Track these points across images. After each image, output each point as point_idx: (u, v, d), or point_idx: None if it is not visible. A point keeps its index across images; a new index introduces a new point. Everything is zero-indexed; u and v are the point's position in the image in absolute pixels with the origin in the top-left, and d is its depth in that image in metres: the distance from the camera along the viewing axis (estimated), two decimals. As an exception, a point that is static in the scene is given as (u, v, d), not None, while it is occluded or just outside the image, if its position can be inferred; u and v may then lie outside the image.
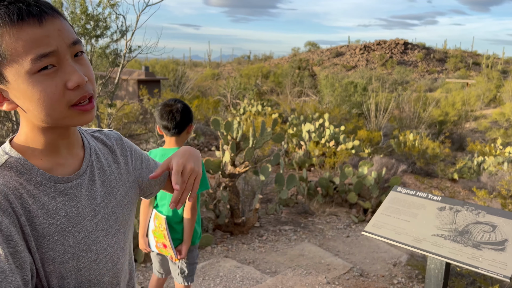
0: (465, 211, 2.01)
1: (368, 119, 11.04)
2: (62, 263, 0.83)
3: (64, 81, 0.78)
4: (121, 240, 0.98)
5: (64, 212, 0.84)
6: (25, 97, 0.77)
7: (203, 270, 3.55)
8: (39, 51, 0.74)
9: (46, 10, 0.76)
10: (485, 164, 7.69)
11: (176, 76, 15.76)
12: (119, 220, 0.97)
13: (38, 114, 0.79)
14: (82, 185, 0.89)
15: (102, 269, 0.91)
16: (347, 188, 5.74)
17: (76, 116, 0.82)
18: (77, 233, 0.86)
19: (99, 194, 0.93)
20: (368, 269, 3.84)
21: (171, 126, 2.21)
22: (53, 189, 0.84)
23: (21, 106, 0.80)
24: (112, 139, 1.04)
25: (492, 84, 21.87)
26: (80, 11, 4.28)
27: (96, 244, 0.90)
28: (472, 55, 46.03)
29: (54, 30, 0.76)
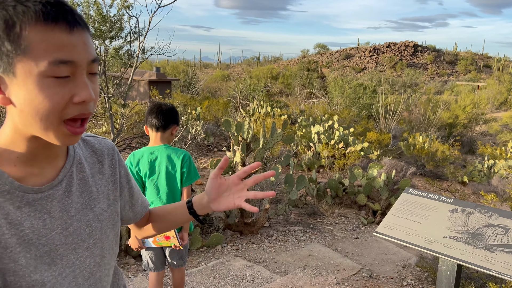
0: (477, 213, 2.02)
1: (378, 121, 11.02)
2: (23, 276, 0.77)
3: (72, 94, 0.74)
4: (96, 255, 0.90)
5: (29, 223, 0.78)
6: (26, 97, 0.72)
7: (214, 269, 3.59)
8: (59, 56, 0.71)
9: (79, 21, 0.75)
10: (495, 167, 7.64)
11: (187, 77, 15.86)
12: (95, 234, 0.90)
13: (26, 117, 0.74)
14: (54, 196, 0.83)
15: (69, 284, 0.85)
16: (356, 190, 5.74)
17: (62, 135, 0.77)
18: (41, 246, 0.80)
19: (74, 206, 0.87)
20: (378, 271, 3.85)
21: (157, 122, 2.35)
22: (20, 199, 0.78)
23: (16, 104, 0.74)
24: (103, 148, 0.99)
25: (503, 87, 21.65)
26: (95, 13, 4.36)
27: (62, 258, 0.83)
28: (483, 57, 45.59)
29: (81, 41, 0.74)
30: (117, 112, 4.99)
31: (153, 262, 2.54)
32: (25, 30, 0.69)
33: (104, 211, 0.94)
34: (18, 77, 0.71)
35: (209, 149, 8.75)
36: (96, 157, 0.96)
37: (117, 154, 1.03)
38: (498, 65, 36.78)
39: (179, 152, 2.39)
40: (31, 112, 0.73)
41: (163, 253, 2.56)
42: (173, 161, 2.37)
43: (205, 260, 3.87)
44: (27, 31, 0.70)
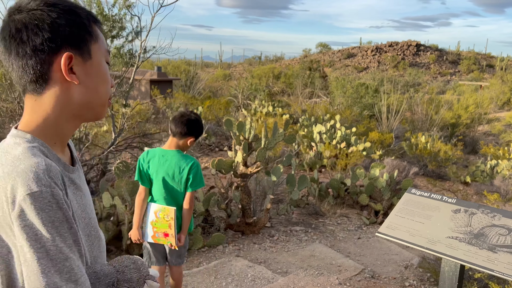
0: (481, 213, 2.01)
1: (380, 121, 10.99)
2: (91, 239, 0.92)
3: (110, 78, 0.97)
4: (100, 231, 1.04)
5: (75, 200, 0.88)
6: (97, 76, 0.90)
7: (215, 269, 3.58)
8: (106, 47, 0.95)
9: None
10: (498, 167, 7.60)
11: (188, 77, 15.85)
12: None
13: (97, 96, 0.91)
14: (79, 175, 0.96)
15: (96, 252, 0.95)
16: (358, 190, 5.72)
17: (106, 108, 0.96)
18: (83, 219, 0.90)
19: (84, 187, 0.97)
20: (380, 271, 3.84)
21: (175, 129, 2.48)
22: (67, 178, 0.88)
23: (86, 83, 0.88)
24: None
25: (507, 86, 21.58)
26: (96, 12, 4.35)
27: (93, 229, 0.94)
28: (486, 57, 45.45)
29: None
30: (118, 111, 4.98)
31: (154, 256, 2.64)
32: (94, 26, 0.91)
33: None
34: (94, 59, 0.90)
35: (210, 149, 8.75)
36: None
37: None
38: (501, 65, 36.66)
39: (188, 159, 2.50)
40: (100, 87, 0.91)
41: (163, 249, 2.66)
42: (181, 167, 2.47)
43: (206, 260, 3.86)
44: (95, 27, 0.91)
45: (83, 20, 0.88)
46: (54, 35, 0.84)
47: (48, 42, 0.83)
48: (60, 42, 0.84)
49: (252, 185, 5.16)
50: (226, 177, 5.55)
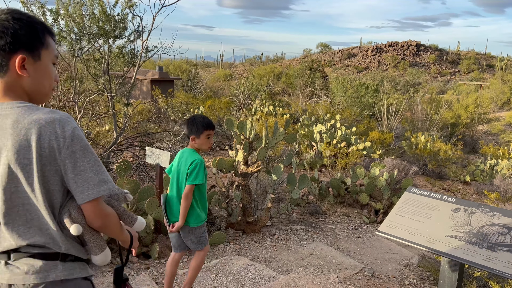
0: (480, 212, 2.03)
1: (380, 120, 11.00)
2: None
3: (55, 74, 1.37)
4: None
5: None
6: (42, 72, 1.29)
7: (216, 267, 3.60)
8: (56, 54, 1.36)
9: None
10: (498, 167, 7.63)
11: (189, 77, 15.86)
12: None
13: (38, 84, 1.30)
14: None
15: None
16: (358, 189, 5.75)
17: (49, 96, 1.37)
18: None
19: None
20: (380, 270, 3.86)
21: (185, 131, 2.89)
22: None
23: (34, 76, 1.27)
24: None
25: (506, 86, 21.58)
26: (99, 12, 4.37)
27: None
28: (486, 57, 45.43)
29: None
30: (120, 111, 5.00)
31: (172, 243, 2.94)
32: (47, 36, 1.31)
33: None
34: (43, 61, 1.29)
35: (211, 148, 8.77)
36: None
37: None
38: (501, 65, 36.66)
39: (194, 156, 2.75)
40: (44, 83, 1.31)
41: (176, 236, 2.88)
42: (187, 163, 2.75)
43: (207, 259, 3.89)
44: (48, 37, 1.31)
45: (38, 32, 1.26)
46: (15, 40, 1.22)
47: (9, 44, 1.21)
48: (18, 46, 1.23)
49: (252, 184, 5.18)
50: (227, 176, 5.57)
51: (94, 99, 4.77)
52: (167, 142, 6.27)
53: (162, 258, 3.79)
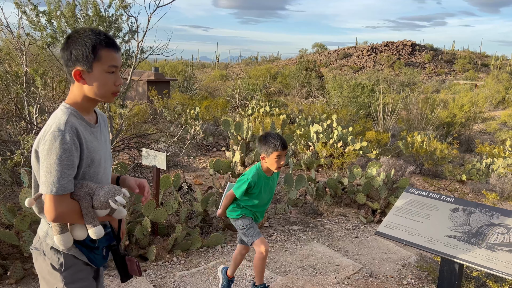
0: (479, 212, 2.02)
1: (376, 120, 11.02)
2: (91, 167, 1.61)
3: (114, 80, 1.62)
4: (110, 168, 1.78)
5: (94, 142, 1.63)
6: (96, 80, 1.58)
7: (214, 269, 3.58)
8: (113, 63, 1.59)
9: (119, 47, 1.65)
10: (494, 165, 7.65)
11: (185, 77, 15.82)
12: (108, 158, 1.77)
13: (97, 91, 1.59)
14: (98, 132, 1.70)
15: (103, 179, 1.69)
16: (355, 189, 5.74)
17: (111, 98, 1.67)
18: (98, 155, 1.64)
19: (104, 139, 1.74)
20: (377, 270, 3.85)
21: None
22: (89, 129, 1.63)
23: (89, 84, 1.58)
24: (104, 116, 1.87)
25: (501, 85, 21.69)
26: (93, 13, 4.34)
27: (105, 163, 1.70)
28: (481, 56, 45.67)
29: (119, 57, 1.62)
30: (115, 112, 4.97)
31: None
32: (100, 50, 1.56)
33: (109, 147, 1.82)
34: (94, 72, 1.57)
35: (208, 149, 8.74)
36: (103, 119, 1.81)
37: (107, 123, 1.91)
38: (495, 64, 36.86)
39: (248, 172, 2.89)
40: (99, 88, 1.59)
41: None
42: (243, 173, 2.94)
43: (205, 260, 3.86)
44: (100, 50, 1.56)
45: (89, 49, 1.53)
46: (71, 58, 1.56)
47: (68, 61, 1.57)
48: (75, 62, 1.56)
49: (250, 185, 5.16)
50: (224, 177, 5.55)
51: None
52: (163, 143, 6.24)
53: (159, 260, 3.76)
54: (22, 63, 4.39)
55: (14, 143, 4.36)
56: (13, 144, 4.39)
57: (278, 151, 2.73)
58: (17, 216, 3.24)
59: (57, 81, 5.11)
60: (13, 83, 4.46)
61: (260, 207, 2.95)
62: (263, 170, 2.87)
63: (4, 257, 3.39)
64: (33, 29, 4.61)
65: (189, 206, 4.35)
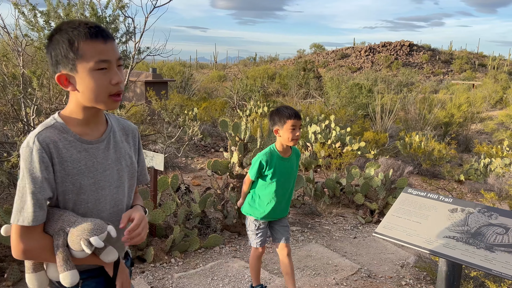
0: (477, 213, 2.01)
1: (374, 120, 11.03)
2: (77, 194, 1.30)
3: (109, 79, 1.26)
4: (120, 193, 1.42)
5: (84, 162, 1.31)
6: (84, 83, 1.25)
7: (212, 271, 3.57)
8: (100, 57, 1.24)
9: (109, 35, 1.28)
10: (492, 165, 7.66)
11: (183, 78, 15.81)
12: (121, 180, 1.42)
13: (89, 96, 1.26)
14: (99, 148, 1.35)
15: (102, 207, 1.36)
16: (353, 189, 5.74)
17: (110, 103, 1.29)
18: (90, 178, 1.32)
19: (111, 157, 1.39)
20: (376, 270, 3.85)
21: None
22: (80, 146, 1.31)
23: (79, 89, 1.26)
24: (128, 127, 1.52)
25: (499, 85, 21.75)
26: (90, 14, 4.32)
27: (102, 189, 1.35)
28: (478, 56, 45.80)
29: (111, 48, 1.26)
30: (113, 113, 4.95)
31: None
32: (79, 44, 1.22)
33: (127, 166, 1.45)
34: (80, 72, 1.24)
35: (206, 150, 8.73)
36: (124, 131, 1.49)
37: (138, 134, 1.56)
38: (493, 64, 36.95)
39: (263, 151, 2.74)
40: (90, 92, 1.25)
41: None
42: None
43: (203, 262, 3.85)
44: (80, 44, 1.23)
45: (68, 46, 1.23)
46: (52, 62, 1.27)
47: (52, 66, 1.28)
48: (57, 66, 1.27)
49: (248, 186, 5.14)
50: (222, 178, 5.54)
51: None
52: (161, 144, 6.23)
53: (157, 261, 3.74)
54: (19, 64, 4.37)
55: (11, 144, 4.34)
56: (10, 145, 4.37)
57: (292, 119, 2.57)
58: (14, 218, 3.23)
59: (54, 82, 5.09)
60: (10, 85, 4.44)
61: (279, 197, 2.74)
62: (277, 149, 2.71)
63: (1, 259, 3.37)
64: (30, 30, 4.59)
65: (187, 207, 4.34)
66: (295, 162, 2.81)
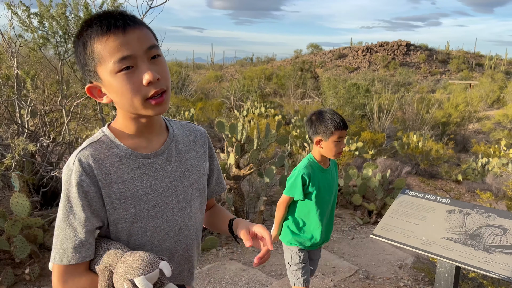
0: (475, 214, 1.99)
1: (371, 120, 11.02)
2: (132, 223, 1.06)
3: (140, 78, 0.98)
4: (186, 216, 1.15)
5: (139, 182, 1.06)
6: (113, 91, 1.01)
7: (209, 273, 3.54)
8: (119, 55, 0.96)
9: (129, 23, 0.98)
10: (489, 165, 7.65)
11: (180, 79, 15.78)
12: (188, 199, 1.16)
13: (123, 105, 1.02)
14: (158, 163, 1.10)
15: (164, 235, 1.11)
16: (351, 190, 5.71)
17: (150, 108, 1.01)
18: (148, 201, 1.07)
19: (173, 173, 1.12)
20: (374, 272, 3.82)
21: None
22: (133, 163, 1.06)
23: (112, 99, 1.03)
24: (196, 132, 1.25)
25: (496, 85, 21.80)
26: (84, 14, 4.29)
27: (162, 214, 1.10)
28: (475, 56, 45.94)
29: (134, 38, 0.97)
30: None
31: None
32: (93, 45, 0.98)
33: (196, 181, 1.19)
34: (104, 80, 1.00)
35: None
36: (191, 137, 1.22)
37: (208, 138, 1.29)
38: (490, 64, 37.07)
39: (299, 166, 2.31)
40: (121, 100, 1.01)
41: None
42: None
43: (199, 264, 3.82)
44: (94, 46, 0.97)
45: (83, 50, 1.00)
46: (81, 72, 1.06)
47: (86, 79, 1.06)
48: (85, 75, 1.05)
49: (245, 187, 5.12)
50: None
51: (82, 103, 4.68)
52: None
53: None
54: (13, 65, 4.33)
55: (5, 146, 4.30)
56: (4, 147, 4.33)
57: (341, 130, 2.18)
58: (8, 221, 3.19)
59: (48, 83, 5.06)
60: (3, 86, 4.40)
61: (322, 216, 2.29)
62: (317, 160, 2.29)
63: (-5, 263, 3.33)
64: (24, 31, 4.55)
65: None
66: (335, 172, 2.42)
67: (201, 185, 1.21)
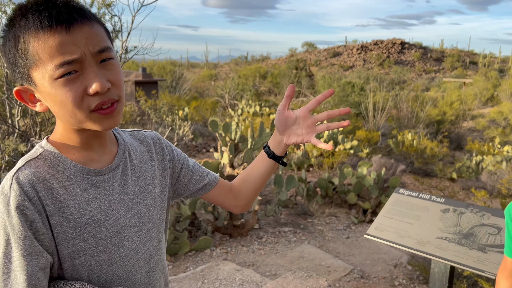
0: (470, 213, 1.97)
1: (366, 119, 11.02)
2: (93, 255, 0.85)
3: (84, 87, 0.78)
4: (154, 239, 0.97)
5: (96, 204, 0.86)
6: (50, 100, 0.80)
7: (202, 274, 3.50)
8: (62, 58, 0.76)
9: (76, 17, 0.77)
10: (483, 163, 7.67)
11: (174, 77, 15.70)
12: (153, 218, 0.97)
13: (63, 116, 0.82)
14: (115, 179, 0.90)
15: (133, 266, 0.91)
16: (346, 189, 5.70)
17: (97, 121, 0.82)
18: (109, 227, 0.87)
19: (133, 189, 0.94)
20: (369, 271, 3.81)
21: None
22: (85, 181, 0.86)
23: (50, 107, 0.83)
24: (149, 138, 1.05)
25: (490, 83, 21.91)
26: None
27: (128, 240, 0.90)
28: (469, 54, 46.17)
29: (81, 37, 0.77)
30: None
31: None
32: (27, 43, 0.76)
33: (158, 196, 1.00)
34: (38, 85, 0.79)
35: (197, 150, 8.65)
36: (144, 146, 1.02)
37: (163, 141, 1.08)
38: (484, 62, 37.26)
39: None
40: (61, 111, 0.81)
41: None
42: None
43: (193, 265, 3.78)
44: (29, 44, 0.76)
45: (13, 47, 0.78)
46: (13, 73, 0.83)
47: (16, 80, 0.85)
48: (14, 77, 0.83)
49: (239, 187, 5.08)
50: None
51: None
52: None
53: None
54: (3, 64, 4.27)
55: None
56: (-6, 148, 4.26)
57: None
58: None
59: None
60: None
61: None
62: None
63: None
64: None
65: (177, 209, 4.27)
66: None
67: (164, 200, 1.03)
